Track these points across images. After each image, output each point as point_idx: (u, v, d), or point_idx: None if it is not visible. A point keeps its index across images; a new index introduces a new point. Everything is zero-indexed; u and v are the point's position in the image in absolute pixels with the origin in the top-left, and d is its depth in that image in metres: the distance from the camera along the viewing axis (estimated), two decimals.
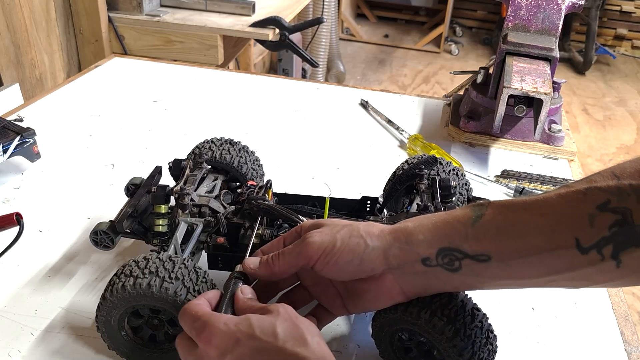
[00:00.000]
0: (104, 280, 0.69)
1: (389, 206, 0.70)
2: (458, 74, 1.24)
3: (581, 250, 0.42)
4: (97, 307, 0.54)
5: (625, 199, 0.41)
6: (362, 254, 0.50)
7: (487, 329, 0.52)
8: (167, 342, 0.56)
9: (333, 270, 0.51)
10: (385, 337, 0.56)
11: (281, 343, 0.44)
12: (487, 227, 0.46)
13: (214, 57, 1.66)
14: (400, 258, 0.49)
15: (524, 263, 0.45)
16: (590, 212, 0.42)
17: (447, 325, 0.50)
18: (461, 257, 0.47)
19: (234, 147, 0.74)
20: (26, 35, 1.52)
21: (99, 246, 0.63)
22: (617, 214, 0.41)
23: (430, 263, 0.48)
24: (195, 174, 0.67)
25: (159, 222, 0.62)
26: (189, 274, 0.53)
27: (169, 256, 0.54)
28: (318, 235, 0.51)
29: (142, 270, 0.52)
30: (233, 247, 0.62)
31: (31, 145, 0.90)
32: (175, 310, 0.52)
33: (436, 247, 0.48)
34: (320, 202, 0.68)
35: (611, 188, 0.42)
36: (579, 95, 3.68)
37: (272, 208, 0.61)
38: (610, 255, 0.41)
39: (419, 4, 4.36)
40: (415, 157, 0.73)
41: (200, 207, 0.64)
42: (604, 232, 0.41)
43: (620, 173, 0.42)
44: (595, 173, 0.44)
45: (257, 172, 0.75)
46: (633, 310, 1.95)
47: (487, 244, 0.46)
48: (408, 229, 0.50)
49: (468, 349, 0.50)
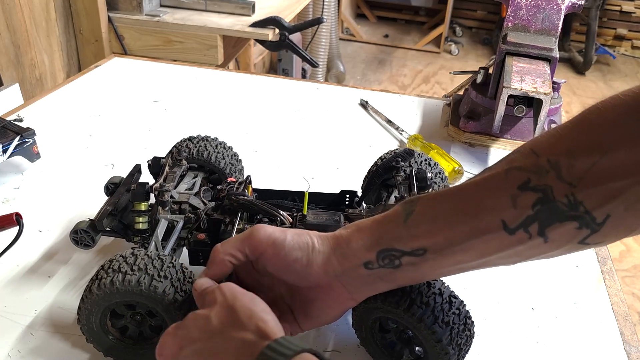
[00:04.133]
0: None
1: (367, 199, 0.71)
2: (458, 74, 1.24)
3: (508, 231, 0.43)
4: (77, 319, 0.55)
5: (544, 175, 0.41)
6: (310, 254, 0.50)
7: (465, 315, 0.53)
8: (156, 334, 0.57)
9: (281, 265, 0.50)
10: (366, 331, 0.57)
11: (219, 332, 0.44)
12: (418, 221, 0.47)
13: (214, 57, 1.66)
14: (344, 264, 0.50)
15: (457, 250, 0.46)
16: (512, 193, 0.43)
17: (425, 312, 0.51)
18: (399, 254, 0.48)
19: (210, 143, 0.74)
20: (26, 35, 1.52)
21: (79, 245, 0.63)
22: (538, 192, 0.42)
23: (373, 266, 0.49)
24: (174, 171, 0.67)
25: (139, 220, 0.63)
26: (152, 262, 0.53)
27: (131, 252, 0.54)
28: (267, 226, 0.51)
29: (106, 271, 0.53)
30: (214, 242, 0.62)
31: (31, 145, 0.90)
32: (146, 300, 0.52)
33: (375, 250, 0.49)
34: (299, 196, 0.68)
35: (529, 166, 0.42)
36: (579, 95, 3.68)
37: (251, 203, 0.62)
38: (537, 233, 0.42)
39: (419, 4, 4.36)
40: (390, 151, 0.74)
41: (181, 203, 0.64)
42: (527, 212, 0.42)
43: (537, 149, 0.43)
44: (514, 150, 0.45)
45: (236, 167, 0.76)
46: (633, 310, 1.95)
47: (420, 239, 0.47)
48: (347, 236, 0.50)
49: (446, 335, 0.51)
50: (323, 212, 0.63)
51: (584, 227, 0.41)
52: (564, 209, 0.41)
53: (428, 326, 0.51)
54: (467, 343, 0.54)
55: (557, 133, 0.43)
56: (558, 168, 0.41)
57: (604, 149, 0.40)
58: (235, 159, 0.77)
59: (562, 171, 0.41)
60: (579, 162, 0.40)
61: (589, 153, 0.40)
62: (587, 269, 0.76)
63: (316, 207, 0.66)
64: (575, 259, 0.77)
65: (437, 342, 0.51)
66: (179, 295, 0.53)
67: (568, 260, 0.77)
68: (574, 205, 0.40)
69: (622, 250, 2.24)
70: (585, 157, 0.40)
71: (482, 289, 0.71)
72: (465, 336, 0.53)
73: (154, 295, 0.52)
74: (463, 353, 0.54)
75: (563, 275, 0.74)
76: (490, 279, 0.72)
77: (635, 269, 2.15)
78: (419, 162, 0.72)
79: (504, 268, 0.74)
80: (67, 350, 0.60)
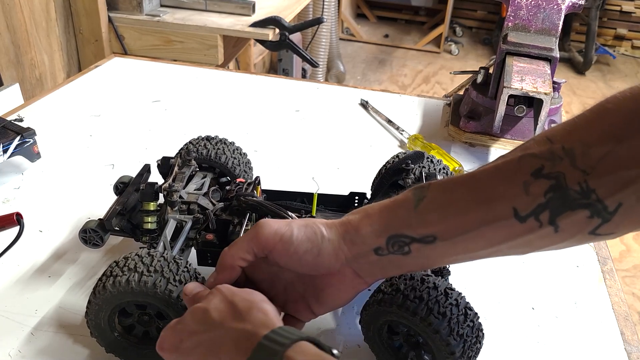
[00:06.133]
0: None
1: (376, 201, 0.71)
2: (458, 74, 1.24)
3: (519, 219, 0.42)
4: (85, 313, 0.55)
5: (558, 162, 0.41)
6: (319, 244, 0.50)
7: (478, 328, 0.53)
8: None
9: (292, 259, 0.50)
10: (374, 330, 0.57)
11: (218, 324, 0.44)
12: (429, 208, 0.47)
13: (214, 57, 1.66)
14: (353, 250, 0.50)
15: (467, 238, 0.45)
16: (525, 180, 0.42)
17: (441, 322, 0.50)
18: (409, 241, 0.47)
19: (228, 147, 0.74)
20: (26, 35, 1.52)
21: (88, 244, 0.63)
22: (551, 179, 0.41)
23: (382, 252, 0.49)
24: (183, 172, 0.67)
25: (148, 220, 0.63)
26: (169, 265, 0.53)
27: (147, 252, 0.54)
28: (272, 221, 0.51)
29: (122, 269, 0.53)
30: (222, 243, 0.62)
31: (31, 145, 0.90)
32: (159, 302, 0.53)
33: (385, 235, 0.48)
34: (308, 198, 0.68)
35: (544, 153, 0.42)
36: (579, 95, 3.68)
37: (260, 204, 0.62)
38: (547, 221, 0.42)
39: (419, 4, 4.36)
40: (401, 153, 0.74)
41: (189, 204, 0.64)
42: (539, 199, 0.41)
43: (552, 136, 0.42)
44: (530, 139, 0.44)
45: (248, 175, 0.76)
46: (633, 310, 1.95)
47: (431, 226, 0.46)
48: (356, 222, 0.50)
49: (460, 348, 0.51)
50: (332, 214, 0.63)
51: (595, 215, 0.40)
52: (576, 197, 0.40)
53: (443, 338, 0.50)
54: (475, 355, 0.53)
55: (573, 122, 0.43)
56: (572, 155, 0.40)
57: (620, 137, 0.39)
58: (249, 166, 0.77)
59: (576, 158, 0.40)
60: (593, 150, 0.40)
61: (604, 141, 0.39)
62: (587, 268, 0.76)
63: (325, 209, 0.66)
64: (576, 259, 0.77)
65: (450, 354, 0.50)
66: (172, 285, 0.53)
67: (568, 260, 0.77)
68: (586, 193, 0.40)
69: (622, 250, 2.24)
70: (601, 145, 0.39)
71: (482, 289, 0.71)
72: (476, 349, 0.53)
73: (168, 298, 0.52)
74: None
75: (563, 275, 0.74)
76: (490, 279, 0.72)
77: (635, 269, 2.15)
78: (435, 168, 0.71)
79: (504, 268, 0.74)
80: (68, 350, 0.60)
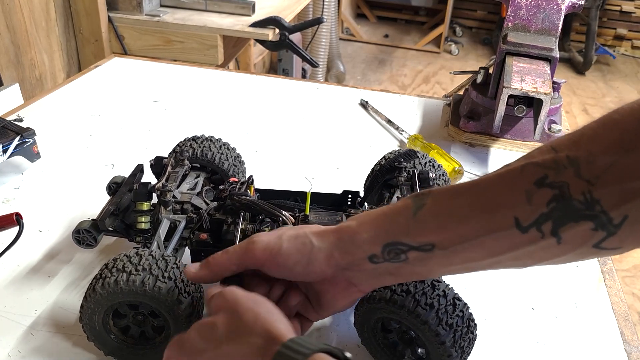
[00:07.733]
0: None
1: (369, 199, 0.71)
2: (458, 74, 1.24)
3: (521, 229, 0.41)
4: (79, 317, 0.55)
5: (563, 172, 0.40)
6: (309, 254, 0.49)
7: (468, 317, 0.53)
8: (158, 335, 0.57)
9: (282, 271, 0.50)
10: (368, 330, 0.57)
11: (225, 340, 0.43)
12: (428, 216, 0.45)
13: (214, 57, 1.66)
14: (347, 258, 0.49)
15: (466, 248, 0.44)
16: (527, 189, 0.41)
17: (429, 313, 0.50)
18: (406, 249, 0.46)
19: (214, 143, 0.74)
20: (26, 35, 1.52)
21: (81, 244, 0.63)
22: (554, 188, 0.40)
23: (378, 260, 0.48)
24: (177, 171, 0.67)
25: (142, 220, 0.63)
26: (157, 263, 0.53)
27: (135, 252, 0.54)
28: (264, 236, 0.51)
29: (110, 270, 0.53)
30: (216, 242, 0.62)
31: (31, 145, 0.90)
32: (150, 301, 0.53)
33: (381, 243, 0.47)
34: (301, 196, 0.68)
35: (548, 162, 0.41)
36: (579, 95, 3.68)
37: (253, 203, 0.62)
38: (550, 232, 0.40)
39: (419, 4, 4.36)
40: (394, 151, 0.74)
41: (183, 203, 0.64)
42: (542, 209, 0.40)
43: (557, 146, 0.41)
44: (535, 149, 0.43)
45: (239, 169, 0.76)
46: (633, 310, 1.95)
47: (430, 234, 0.45)
48: (351, 228, 0.49)
49: (450, 338, 0.51)
50: (325, 212, 0.63)
51: (600, 228, 0.39)
52: (580, 207, 0.39)
53: (432, 328, 0.50)
54: (469, 345, 0.54)
55: (579, 132, 0.41)
56: (577, 165, 0.39)
57: (627, 148, 0.38)
58: (239, 160, 0.77)
59: (581, 168, 0.39)
60: (599, 160, 0.39)
61: (610, 151, 0.38)
62: (587, 269, 0.76)
63: (318, 208, 0.66)
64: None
65: (440, 344, 0.51)
66: (182, 296, 0.53)
67: None
68: (590, 204, 0.39)
69: None
70: (607, 155, 0.38)
71: (482, 289, 0.71)
72: (468, 338, 0.53)
73: (157, 295, 0.52)
74: (465, 355, 0.54)
75: (563, 275, 0.74)
76: (490, 279, 0.72)
77: (635, 269, 2.15)
78: (422, 164, 0.72)
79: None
80: (67, 350, 0.60)
